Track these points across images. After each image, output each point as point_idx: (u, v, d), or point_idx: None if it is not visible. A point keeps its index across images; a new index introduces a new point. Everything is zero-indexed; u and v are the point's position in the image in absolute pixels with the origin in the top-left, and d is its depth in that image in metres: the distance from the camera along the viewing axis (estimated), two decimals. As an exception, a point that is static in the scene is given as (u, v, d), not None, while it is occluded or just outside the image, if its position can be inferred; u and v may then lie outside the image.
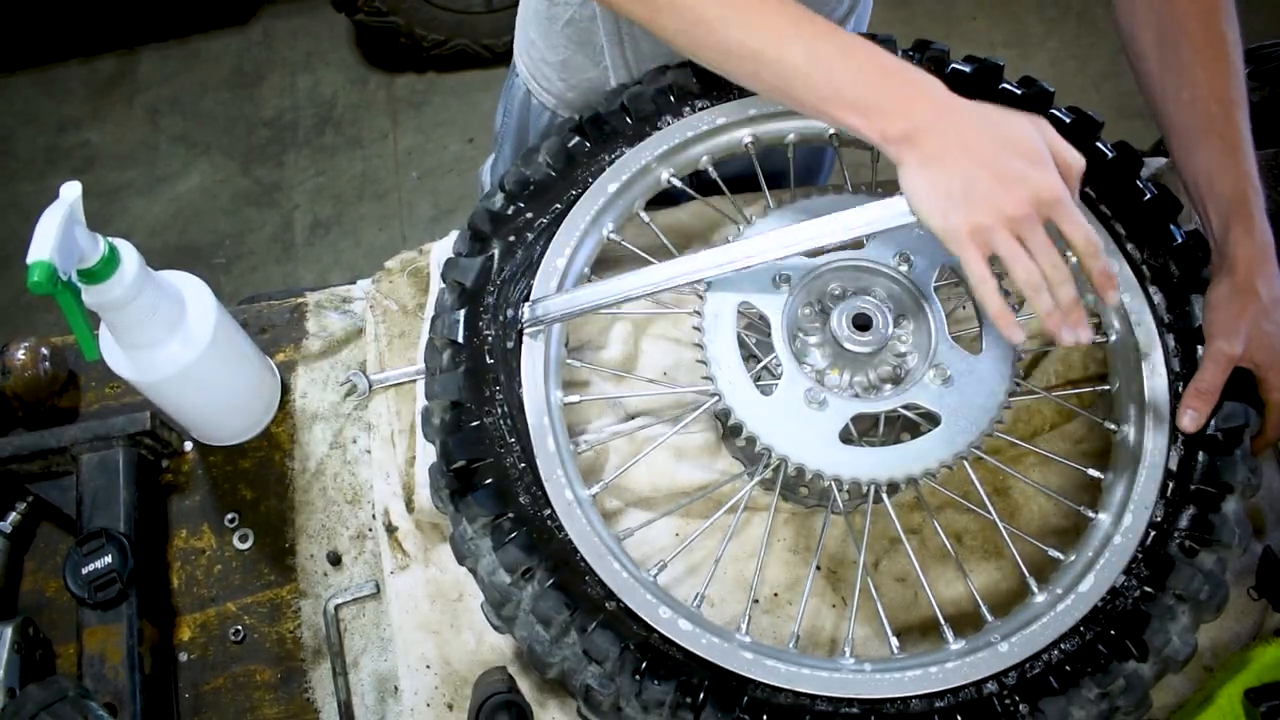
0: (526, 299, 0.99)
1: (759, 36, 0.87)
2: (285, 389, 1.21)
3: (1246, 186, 0.96)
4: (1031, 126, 0.83)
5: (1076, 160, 0.84)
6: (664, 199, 1.13)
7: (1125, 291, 1.02)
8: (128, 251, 0.92)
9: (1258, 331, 0.94)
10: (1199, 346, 0.98)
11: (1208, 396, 0.94)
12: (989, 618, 0.90)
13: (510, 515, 0.88)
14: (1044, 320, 0.83)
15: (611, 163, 1.06)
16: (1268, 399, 0.96)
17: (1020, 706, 0.82)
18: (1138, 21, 1.03)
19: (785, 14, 0.87)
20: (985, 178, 0.80)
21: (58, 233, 0.82)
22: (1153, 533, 0.91)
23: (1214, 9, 0.99)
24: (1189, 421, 0.94)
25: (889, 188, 1.10)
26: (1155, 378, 0.98)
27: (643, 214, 1.08)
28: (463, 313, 0.97)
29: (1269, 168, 1.35)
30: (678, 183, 1.09)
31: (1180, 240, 1.03)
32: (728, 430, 1.10)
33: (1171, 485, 0.93)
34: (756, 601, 1.04)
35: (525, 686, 0.98)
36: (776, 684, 0.83)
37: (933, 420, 0.92)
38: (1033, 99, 1.09)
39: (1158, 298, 1.02)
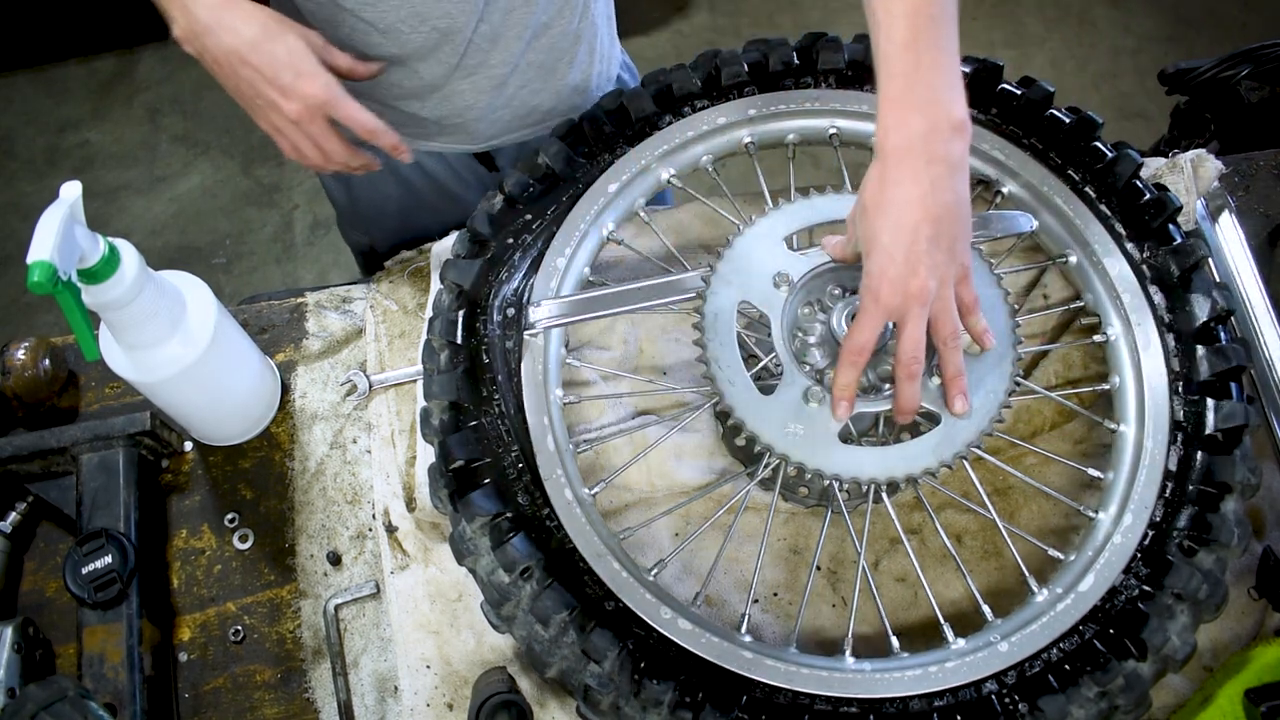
0: (526, 300, 0.99)
1: None
2: (285, 389, 1.21)
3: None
4: (298, 43, 0.97)
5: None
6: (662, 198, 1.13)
7: (1125, 291, 1.02)
8: (128, 251, 0.92)
9: (868, 237, 0.84)
10: (1199, 346, 0.98)
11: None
12: (989, 617, 0.90)
13: (509, 515, 0.88)
14: None
15: (611, 163, 1.06)
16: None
17: (1020, 705, 0.82)
18: None
19: None
20: (264, 88, 0.98)
21: (58, 233, 0.82)
22: (1152, 532, 0.91)
23: None
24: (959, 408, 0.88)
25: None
26: (1155, 377, 0.98)
27: (643, 214, 1.09)
28: (460, 314, 0.97)
29: (1270, 167, 1.35)
30: (678, 183, 1.10)
31: (1180, 240, 1.03)
32: (727, 430, 1.10)
33: (1171, 485, 0.93)
34: (756, 601, 1.04)
35: (525, 686, 0.98)
36: (776, 684, 0.83)
37: (933, 420, 0.92)
38: (1033, 99, 1.10)
39: (1158, 297, 1.02)
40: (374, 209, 1.39)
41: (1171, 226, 1.04)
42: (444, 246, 1.20)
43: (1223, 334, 0.99)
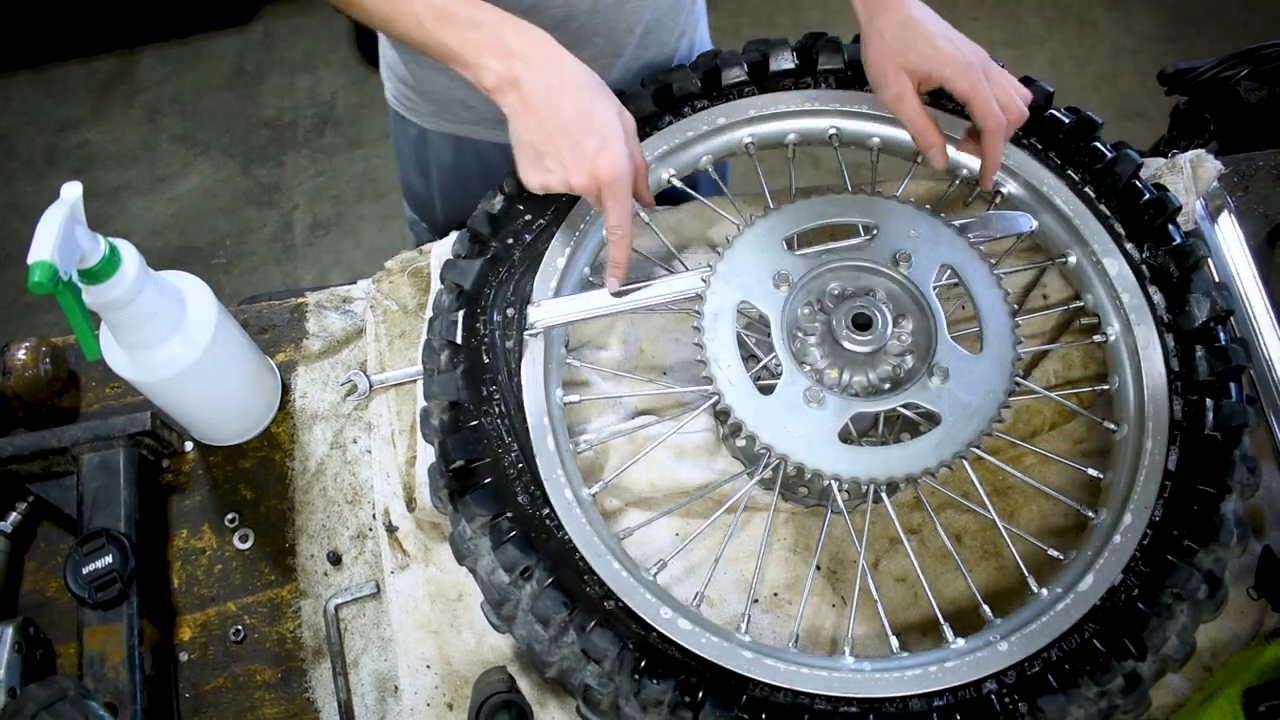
0: (526, 300, 0.99)
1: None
2: (285, 389, 1.21)
3: None
4: (613, 117, 0.90)
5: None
6: (662, 198, 1.13)
7: (1125, 291, 1.02)
8: (128, 251, 0.92)
9: (930, 52, 0.95)
10: (1199, 346, 0.98)
11: (932, 127, 0.97)
12: (989, 617, 0.90)
13: (508, 515, 0.88)
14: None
15: (611, 163, 1.06)
16: (973, 110, 0.96)
17: (1019, 705, 0.83)
18: None
19: None
20: (563, 143, 0.89)
21: (58, 233, 0.82)
22: (1151, 532, 0.91)
23: None
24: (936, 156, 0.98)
25: (887, 189, 1.11)
26: (1154, 378, 0.98)
27: (643, 214, 1.09)
28: (460, 314, 0.97)
29: (1269, 168, 1.35)
30: (678, 183, 1.10)
31: (1180, 240, 1.03)
32: (728, 430, 1.10)
33: (1170, 485, 0.93)
34: (756, 601, 1.04)
35: (525, 686, 0.98)
36: (776, 683, 0.83)
37: (933, 420, 0.92)
38: (1033, 99, 1.09)
39: (1157, 297, 1.02)
40: (453, 202, 1.38)
41: (1171, 226, 1.04)
42: (444, 246, 1.20)
43: (1222, 334, 0.99)
